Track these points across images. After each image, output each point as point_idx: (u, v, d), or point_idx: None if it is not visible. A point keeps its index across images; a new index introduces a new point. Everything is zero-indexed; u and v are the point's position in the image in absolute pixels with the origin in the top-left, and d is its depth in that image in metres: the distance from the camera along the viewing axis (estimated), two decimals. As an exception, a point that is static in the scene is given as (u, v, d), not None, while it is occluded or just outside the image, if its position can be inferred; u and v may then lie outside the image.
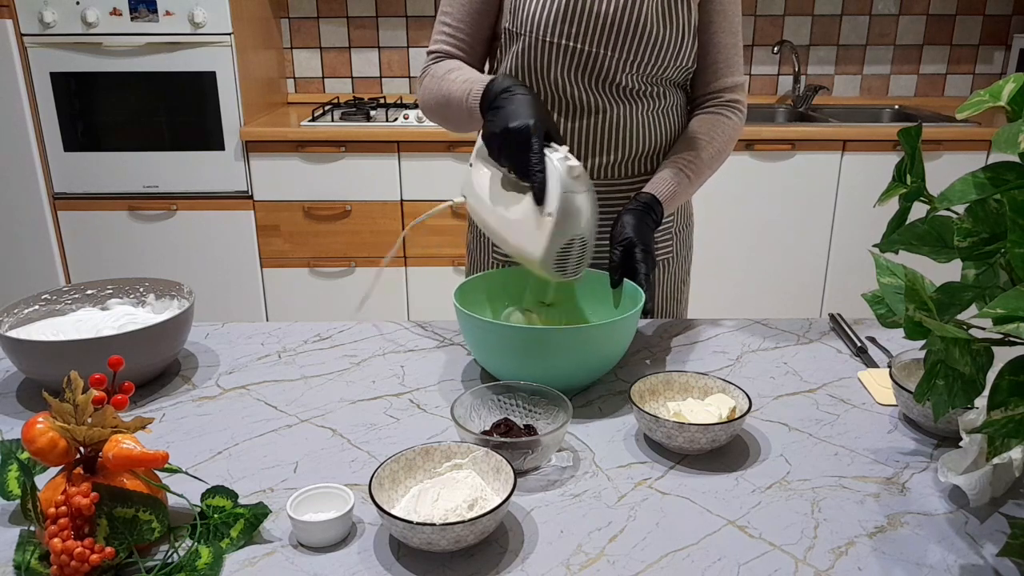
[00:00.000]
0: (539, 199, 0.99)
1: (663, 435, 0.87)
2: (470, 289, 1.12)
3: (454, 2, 1.23)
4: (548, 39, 1.16)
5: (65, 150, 2.70)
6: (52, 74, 2.63)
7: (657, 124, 1.24)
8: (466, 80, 1.13)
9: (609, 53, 1.16)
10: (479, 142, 1.08)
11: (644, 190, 1.17)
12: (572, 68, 1.17)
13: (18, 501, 0.80)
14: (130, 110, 2.70)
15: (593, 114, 1.20)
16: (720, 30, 1.21)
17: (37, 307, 1.12)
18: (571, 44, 1.15)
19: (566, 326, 0.95)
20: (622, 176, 1.25)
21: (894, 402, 1.01)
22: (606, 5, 1.14)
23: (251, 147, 2.70)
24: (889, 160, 2.72)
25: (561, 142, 1.02)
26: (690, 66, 1.23)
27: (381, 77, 3.24)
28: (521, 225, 1.02)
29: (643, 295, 1.04)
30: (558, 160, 0.99)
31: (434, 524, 0.69)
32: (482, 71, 1.27)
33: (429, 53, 1.26)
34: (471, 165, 1.10)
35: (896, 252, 0.77)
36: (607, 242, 1.13)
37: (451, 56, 1.24)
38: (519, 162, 1.00)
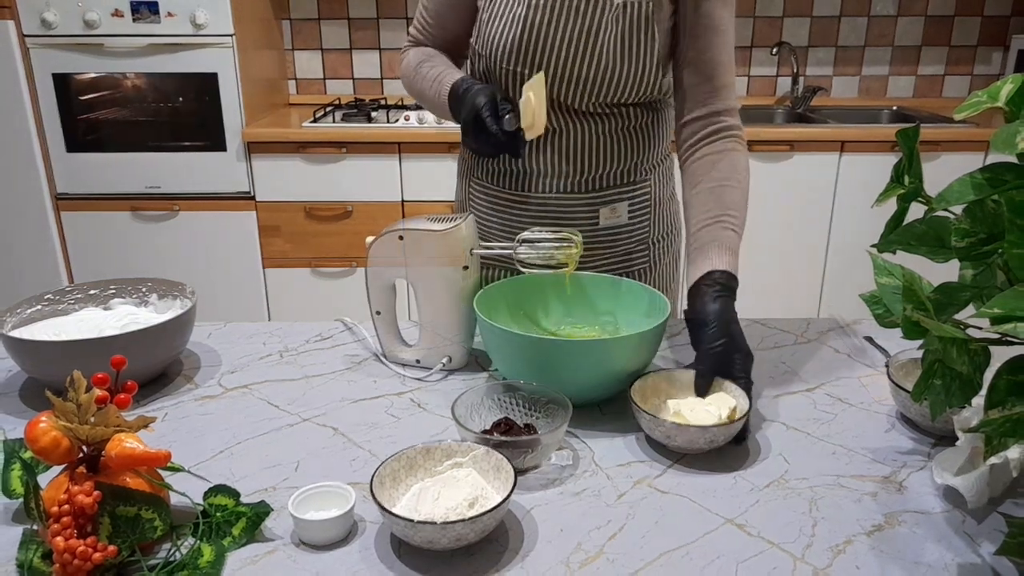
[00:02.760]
0: (514, 151, 1.10)
1: (662, 435, 0.88)
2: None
3: None
4: (505, 66, 1.16)
5: (67, 151, 2.71)
6: (54, 75, 2.63)
7: (622, 141, 1.21)
8: (435, 80, 1.20)
9: (565, 84, 1.15)
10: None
11: (714, 268, 1.04)
12: None
13: (21, 500, 0.80)
14: (132, 111, 2.70)
15: (556, 134, 1.20)
16: (711, 46, 1.13)
17: (40, 307, 1.12)
18: (528, 72, 1.15)
19: (586, 339, 0.94)
20: (587, 191, 1.23)
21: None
22: (561, 36, 1.12)
23: (253, 148, 2.70)
24: (887, 161, 2.72)
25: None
26: (655, 95, 1.18)
27: (382, 78, 3.24)
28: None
29: (668, 305, 1.03)
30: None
31: (435, 522, 0.70)
32: (460, 61, 1.31)
33: (409, 35, 1.33)
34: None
35: (894, 252, 0.77)
36: (605, 261, 1.12)
37: (425, 45, 1.30)
38: (483, 134, 1.08)
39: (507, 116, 1.07)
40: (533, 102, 1.05)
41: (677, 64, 1.18)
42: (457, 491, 0.76)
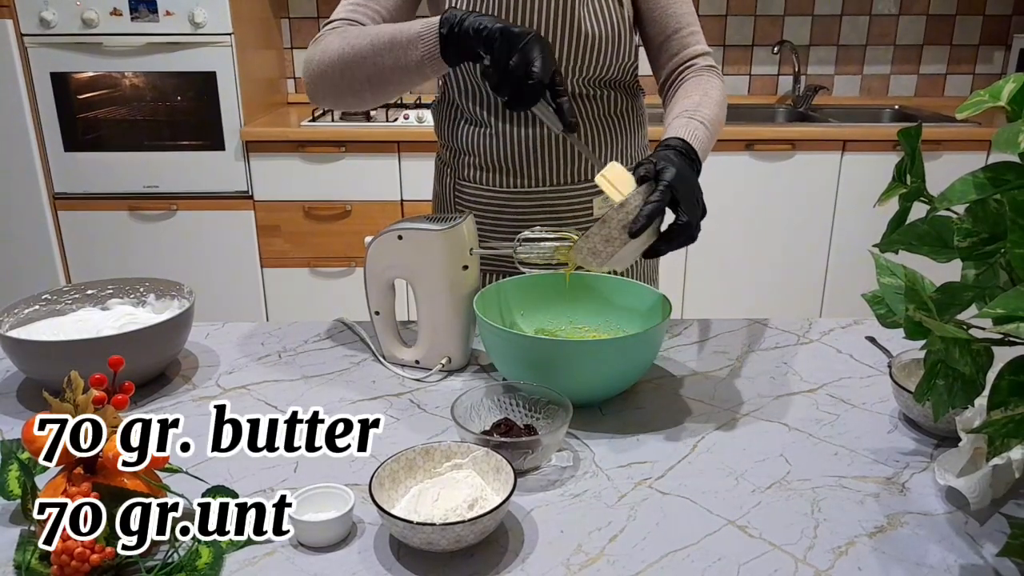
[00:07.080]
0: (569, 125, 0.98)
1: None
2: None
3: None
4: None
5: (65, 150, 2.70)
6: (52, 74, 2.63)
7: (605, 127, 1.24)
8: (397, 26, 1.02)
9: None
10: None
11: (665, 137, 1.05)
12: None
13: (19, 501, 0.80)
14: (130, 110, 2.70)
15: (540, 122, 1.20)
16: (670, 2, 1.19)
17: (38, 307, 1.12)
18: None
19: (591, 339, 0.94)
20: (580, 181, 1.25)
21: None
22: (539, 17, 1.14)
23: (251, 147, 2.70)
24: (889, 160, 2.72)
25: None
26: (630, 61, 1.22)
27: (381, 77, 3.23)
28: None
29: (669, 305, 1.02)
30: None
31: (434, 524, 0.69)
32: None
33: (330, 22, 1.13)
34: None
35: (896, 252, 0.77)
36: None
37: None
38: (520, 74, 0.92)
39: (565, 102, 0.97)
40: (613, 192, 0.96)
41: (643, 28, 1.23)
42: (457, 492, 0.76)
